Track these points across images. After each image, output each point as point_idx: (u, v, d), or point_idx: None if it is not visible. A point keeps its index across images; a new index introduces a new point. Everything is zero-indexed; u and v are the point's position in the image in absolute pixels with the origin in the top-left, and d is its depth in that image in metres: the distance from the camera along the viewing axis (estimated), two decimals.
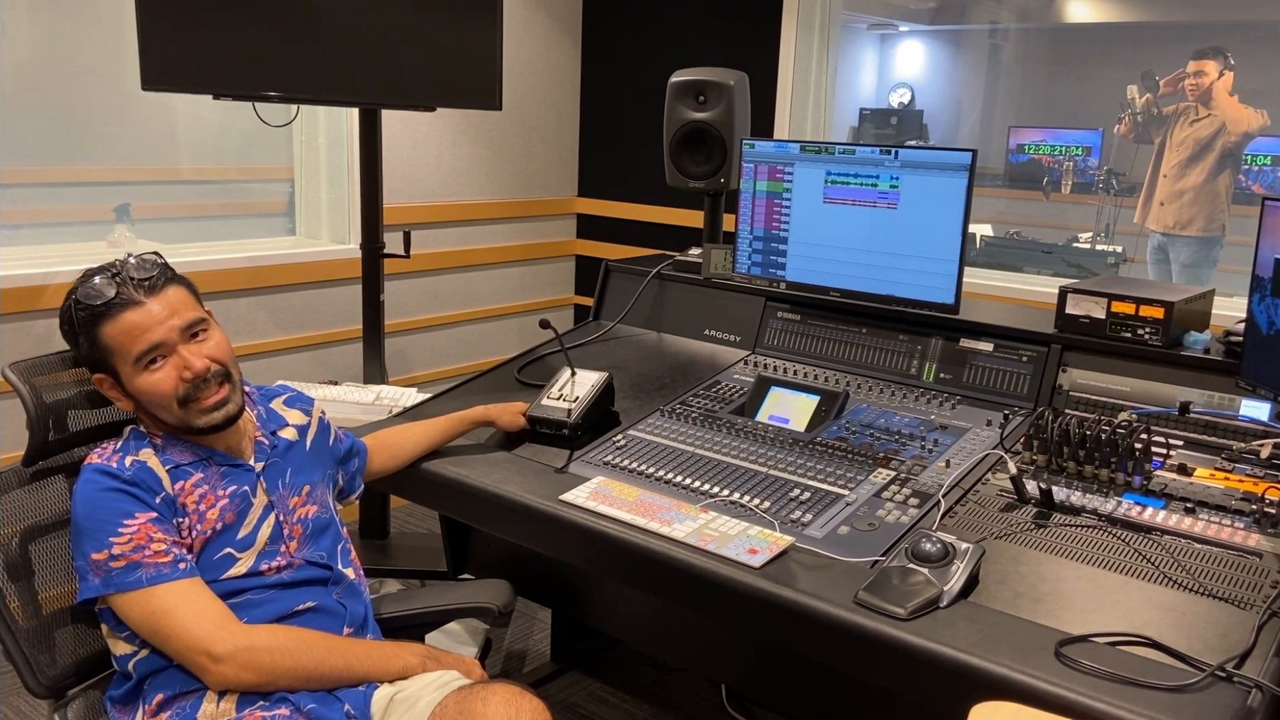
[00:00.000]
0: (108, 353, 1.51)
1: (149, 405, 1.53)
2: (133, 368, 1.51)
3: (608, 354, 2.60)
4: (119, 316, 1.49)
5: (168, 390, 1.51)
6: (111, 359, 1.52)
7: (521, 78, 4.00)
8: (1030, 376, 2.17)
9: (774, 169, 2.43)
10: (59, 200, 3.13)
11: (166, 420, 1.55)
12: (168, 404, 1.52)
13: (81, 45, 3.04)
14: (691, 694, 2.69)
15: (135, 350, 1.49)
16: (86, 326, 1.51)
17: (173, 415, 1.53)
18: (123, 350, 1.50)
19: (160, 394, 1.51)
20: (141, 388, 1.51)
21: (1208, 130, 4.42)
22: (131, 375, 1.51)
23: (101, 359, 1.52)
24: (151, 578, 1.44)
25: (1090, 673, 1.36)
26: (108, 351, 1.51)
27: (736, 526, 1.76)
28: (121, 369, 1.52)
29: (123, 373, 1.52)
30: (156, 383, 1.51)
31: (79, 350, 1.55)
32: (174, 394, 1.51)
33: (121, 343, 1.50)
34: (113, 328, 1.49)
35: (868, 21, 6.89)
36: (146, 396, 1.52)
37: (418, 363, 3.89)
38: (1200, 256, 4.47)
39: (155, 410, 1.54)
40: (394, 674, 1.52)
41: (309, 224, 3.61)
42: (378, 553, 3.05)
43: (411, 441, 2.03)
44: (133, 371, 1.51)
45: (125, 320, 1.49)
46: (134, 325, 1.49)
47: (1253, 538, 1.64)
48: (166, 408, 1.52)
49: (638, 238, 4.13)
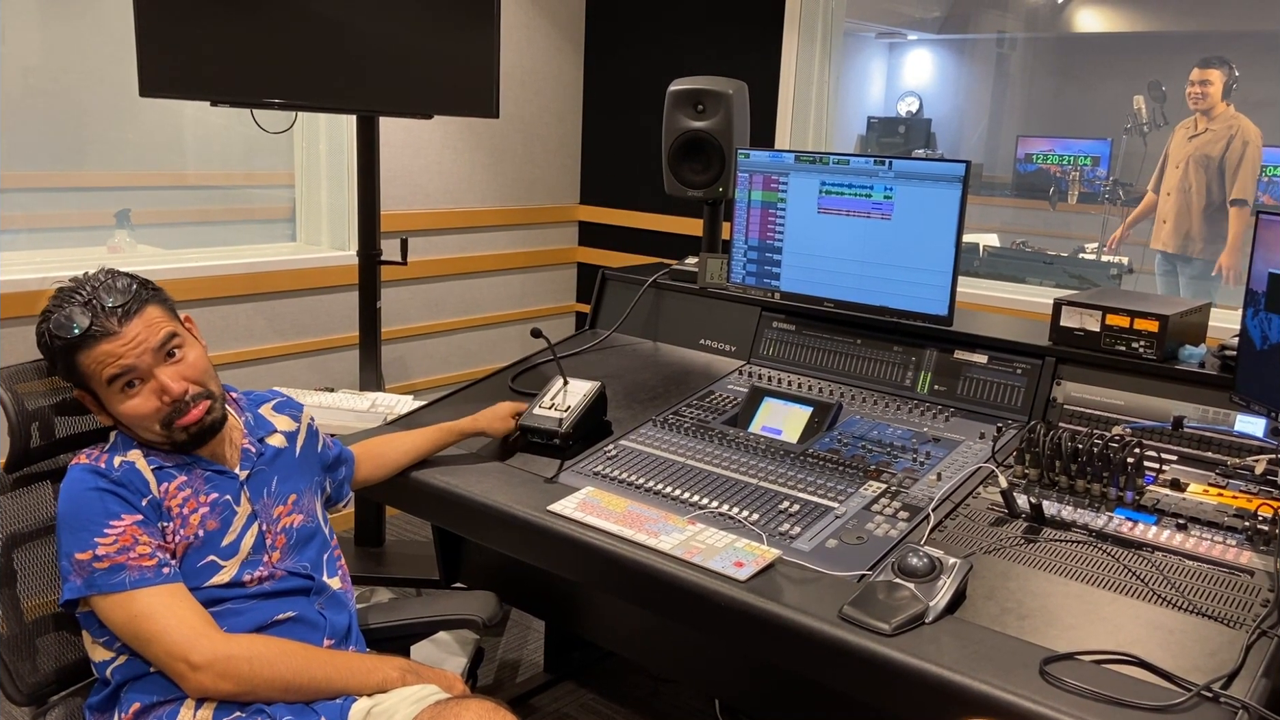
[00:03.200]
0: (85, 378, 1.52)
1: (131, 426, 1.55)
2: (109, 393, 1.52)
3: (603, 363, 2.59)
4: (93, 348, 1.49)
5: (148, 413, 1.52)
6: (89, 383, 1.53)
7: (524, 85, 4.00)
8: (1024, 389, 2.16)
9: (769, 179, 2.42)
10: (60, 205, 3.14)
11: (149, 438, 1.56)
12: (149, 425, 1.53)
13: (84, 50, 3.05)
14: (685, 707, 2.68)
15: (109, 375, 1.50)
16: (61, 354, 1.52)
17: (155, 434, 1.55)
18: (98, 377, 1.51)
19: (140, 416, 1.52)
20: (122, 411, 1.53)
21: (1211, 143, 4.32)
22: (109, 399, 1.53)
23: (79, 382, 1.54)
24: (135, 580, 1.44)
25: (1075, 692, 1.34)
26: (85, 376, 1.52)
27: (724, 539, 1.74)
28: (99, 392, 1.53)
29: (101, 396, 1.53)
30: (136, 407, 1.52)
31: (56, 372, 1.57)
32: (155, 417, 1.52)
33: (96, 371, 1.50)
34: (87, 357, 1.50)
35: (876, 30, 6.88)
36: (128, 419, 1.54)
37: (418, 370, 3.89)
38: (1206, 272, 4.40)
39: (137, 429, 1.55)
40: (373, 687, 1.51)
41: (309, 230, 3.62)
42: (372, 560, 3.05)
43: (399, 451, 2.02)
44: (110, 396, 1.52)
45: (99, 350, 1.49)
46: (107, 354, 1.49)
47: (1244, 555, 1.62)
48: (148, 428, 1.54)
49: (640, 246, 4.12)
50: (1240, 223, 4.23)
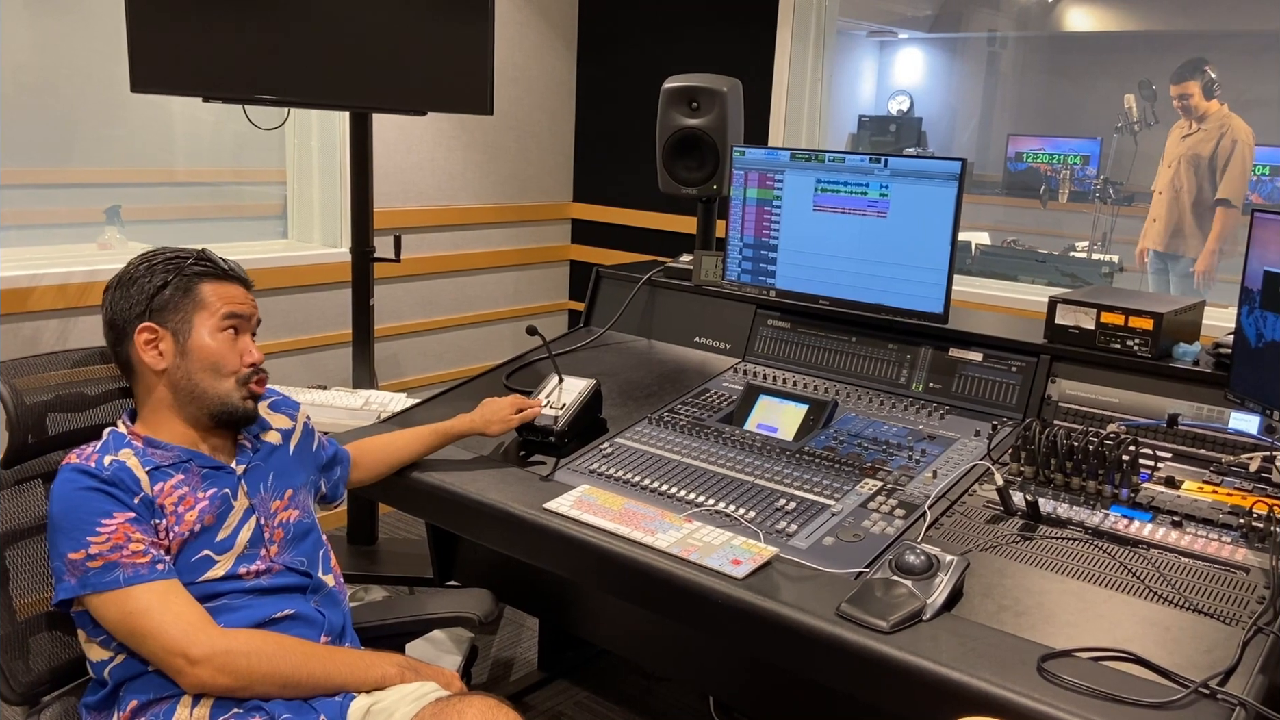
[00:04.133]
0: (194, 305, 1.57)
1: (201, 365, 1.57)
2: (213, 325, 1.57)
3: (597, 360, 2.59)
4: (227, 282, 1.61)
5: (232, 358, 1.59)
6: (192, 311, 1.57)
7: (516, 82, 3.99)
8: (1019, 387, 2.16)
9: (764, 176, 2.42)
10: (50, 202, 3.12)
11: (198, 388, 1.57)
12: (223, 369, 1.58)
13: (75, 46, 3.03)
14: (679, 704, 2.68)
15: (229, 310, 1.59)
16: (188, 276, 1.58)
17: (217, 385, 1.57)
18: (214, 307, 1.58)
19: (224, 357, 1.58)
20: (209, 345, 1.57)
21: (1202, 142, 4.33)
22: (205, 331, 1.57)
23: (174, 308, 1.56)
24: (129, 578, 1.43)
25: (1072, 689, 1.34)
26: (195, 304, 1.57)
27: (720, 536, 1.74)
28: (196, 321, 1.57)
29: (194, 324, 1.57)
30: (227, 348, 1.59)
31: (156, 295, 1.57)
32: (235, 365, 1.59)
33: (217, 304, 1.58)
34: (217, 287, 1.60)
35: (867, 29, 6.89)
36: (210, 354, 1.57)
37: (410, 367, 3.88)
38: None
39: (198, 374, 1.57)
40: (371, 684, 1.50)
41: (301, 227, 3.60)
42: (365, 559, 3.03)
43: (394, 452, 2.01)
44: (209, 328, 1.57)
45: (231, 287, 1.62)
46: (236, 294, 1.62)
47: (1239, 552, 1.63)
48: (219, 371, 1.57)
49: (633, 243, 4.12)
50: (1221, 223, 4.25)
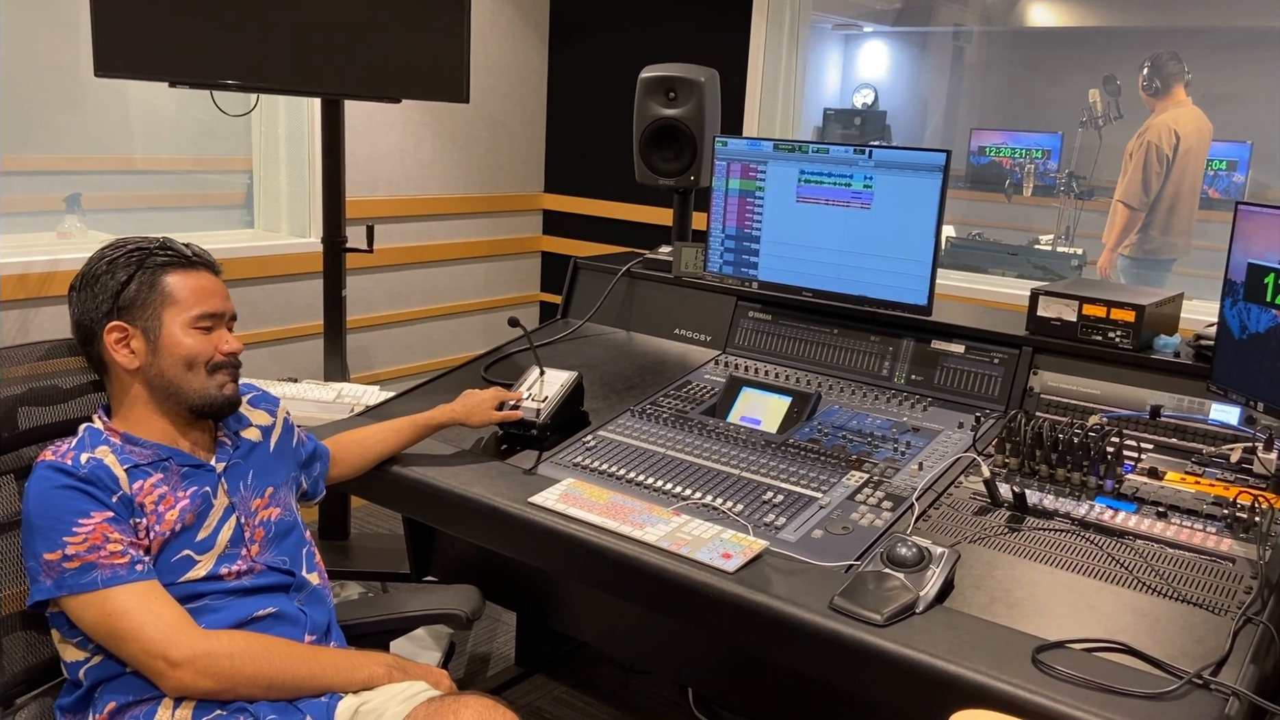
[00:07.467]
0: (162, 299, 1.53)
1: (175, 361, 1.52)
2: (183, 321, 1.53)
3: (576, 353, 2.56)
4: (193, 270, 1.57)
5: (206, 351, 1.54)
6: (161, 306, 1.53)
7: (487, 71, 3.94)
8: (1001, 379, 2.17)
9: (747, 167, 2.40)
10: (7, 190, 3.02)
11: (173, 384, 1.53)
12: (197, 363, 1.53)
13: (33, 31, 2.94)
14: (657, 697, 2.67)
15: (200, 309, 1.54)
16: (152, 269, 1.53)
17: (192, 380, 1.53)
18: (184, 303, 1.54)
19: (197, 353, 1.54)
20: (182, 342, 1.53)
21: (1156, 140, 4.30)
22: (175, 328, 1.53)
23: (141, 304, 1.52)
24: (107, 579, 1.39)
25: (1068, 680, 1.35)
26: (163, 298, 1.53)
27: (710, 530, 1.73)
28: (166, 317, 1.52)
29: (164, 320, 1.52)
30: (199, 343, 1.54)
31: (121, 292, 1.52)
32: (208, 359, 1.54)
33: (186, 297, 1.54)
34: (184, 280, 1.55)
35: (832, 21, 6.90)
36: (182, 350, 1.53)
37: (380, 360, 3.82)
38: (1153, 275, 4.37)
39: (171, 370, 1.52)
40: (359, 684, 1.47)
41: (268, 216, 3.53)
42: (338, 554, 2.99)
43: (374, 445, 1.97)
44: (179, 325, 1.53)
45: (200, 279, 1.57)
46: (205, 288, 1.57)
47: (1225, 542, 1.64)
48: (193, 367, 1.53)
49: (605, 235, 4.09)
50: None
